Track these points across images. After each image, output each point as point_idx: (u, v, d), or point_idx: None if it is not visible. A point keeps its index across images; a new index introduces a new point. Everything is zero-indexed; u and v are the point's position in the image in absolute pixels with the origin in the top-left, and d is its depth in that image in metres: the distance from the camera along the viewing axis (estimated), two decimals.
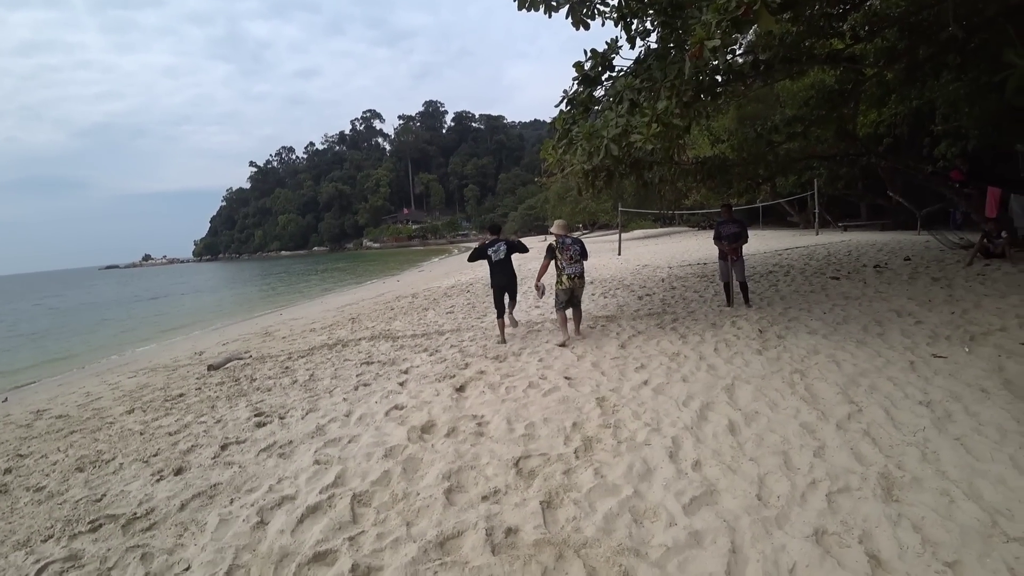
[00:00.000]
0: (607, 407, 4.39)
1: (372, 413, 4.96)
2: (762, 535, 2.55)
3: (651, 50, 6.17)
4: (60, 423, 6.58)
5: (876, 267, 10.02)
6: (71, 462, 4.95)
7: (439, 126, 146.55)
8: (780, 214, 28.22)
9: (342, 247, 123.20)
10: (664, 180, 9.57)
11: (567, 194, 35.62)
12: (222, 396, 6.55)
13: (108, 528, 3.49)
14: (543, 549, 2.63)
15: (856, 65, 9.07)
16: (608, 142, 5.33)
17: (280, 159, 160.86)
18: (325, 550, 2.86)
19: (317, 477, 3.75)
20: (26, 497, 4.28)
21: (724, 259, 7.88)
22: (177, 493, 3.82)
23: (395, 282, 27.34)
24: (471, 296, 13.77)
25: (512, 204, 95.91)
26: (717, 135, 15.35)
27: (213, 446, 4.69)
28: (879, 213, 21.30)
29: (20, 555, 3.33)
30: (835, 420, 3.63)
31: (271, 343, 10.65)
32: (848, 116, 11.61)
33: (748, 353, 5.43)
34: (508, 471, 3.46)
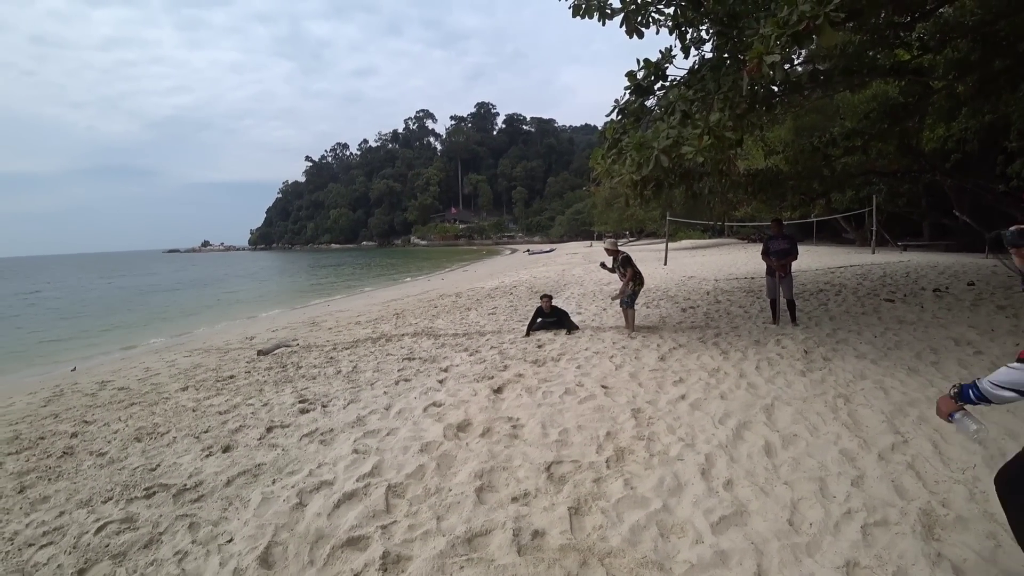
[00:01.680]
0: (642, 419, 4.38)
1: (411, 408, 5.11)
2: (791, 561, 2.52)
3: (705, 60, 6.11)
4: (121, 395, 7.03)
5: (936, 291, 9.56)
6: (130, 432, 5.31)
7: (490, 127, 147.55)
8: (835, 230, 27.20)
9: (390, 243, 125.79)
10: (714, 192, 9.43)
11: (615, 201, 35.31)
12: (269, 381, 6.85)
13: (161, 496, 3.75)
14: (568, 554, 2.68)
15: (923, 77, 8.69)
16: (658, 153, 5.31)
17: (335, 155, 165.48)
18: (359, 536, 2.99)
19: (355, 465, 3.90)
20: (89, 460, 4.63)
21: (772, 275, 7.70)
22: (224, 469, 4.06)
23: (440, 280, 27.78)
24: (514, 299, 13.88)
25: (560, 208, 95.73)
26: (771, 146, 14.96)
27: (259, 428, 4.94)
28: (943, 233, 20.27)
29: (83, 512, 3.62)
30: (877, 450, 3.53)
31: (318, 333, 11.04)
32: (913, 130, 11.13)
33: (791, 374, 5.30)
34: (539, 475, 3.52)
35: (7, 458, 4.91)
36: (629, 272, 7.82)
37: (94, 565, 2.98)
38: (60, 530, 3.41)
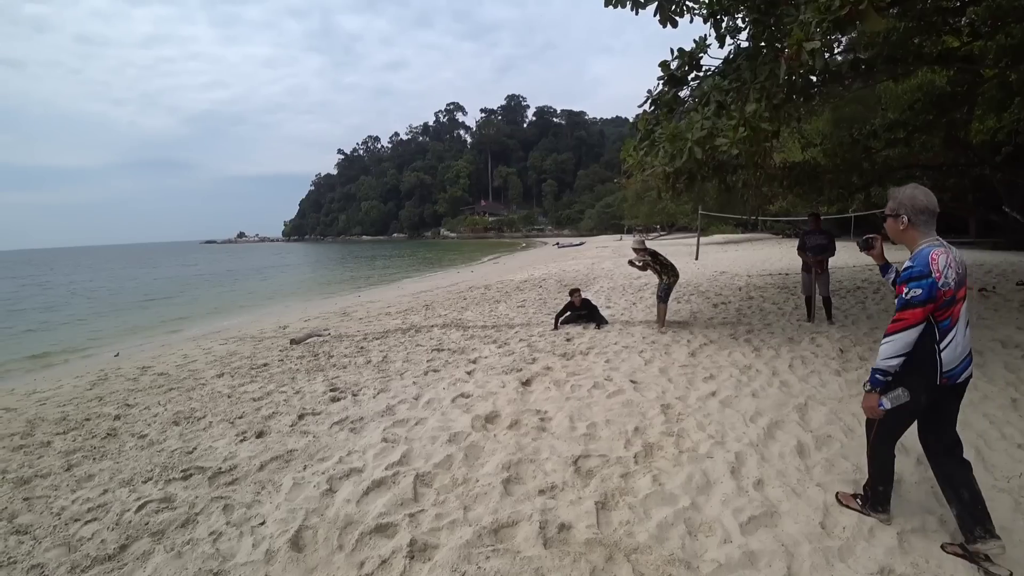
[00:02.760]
0: (671, 415, 4.33)
1: (439, 398, 5.16)
2: (822, 565, 2.46)
3: (741, 49, 5.95)
4: (161, 380, 7.29)
5: (981, 290, 9.17)
6: (169, 416, 5.51)
7: (520, 120, 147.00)
8: (874, 225, 26.31)
9: (420, 235, 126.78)
10: (748, 185, 9.21)
11: (646, 194, 34.88)
12: (302, 369, 7.01)
13: (197, 478, 3.88)
14: (594, 548, 2.67)
15: (973, 65, 8.27)
16: (692, 145, 5.20)
17: (366, 147, 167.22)
18: (387, 523, 3.04)
19: (384, 454, 3.96)
20: (131, 442, 4.82)
21: (808, 271, 7.50)
22: (257, 454, 4.17)
23: (469, 272, 27.91)
24: (543, 292, 13.86)
25: (590, 201, 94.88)
26: (809, 138, 14.55)
27: (291, 415, 5.06)
28: (991, 230, 19.43)
29: (125, 491, 3.78)
30: (916, 454, 3.40)
31: (349, 323, 11.23)
32: (960, 122, 10.62)
33: (826, 373, 5.17)
34: (566, 468, 3.52)
35: (56, 438, 5.15)
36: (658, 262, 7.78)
37: (135, 541, 3.11)
38: (104, 507, 3.56)
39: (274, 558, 2.81)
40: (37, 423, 5.69)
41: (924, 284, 2.32)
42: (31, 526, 3.41)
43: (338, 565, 2.73)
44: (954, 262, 2.39)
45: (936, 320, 2.37)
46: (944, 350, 2.39)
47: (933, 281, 2.31)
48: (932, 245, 2.40)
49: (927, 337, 2.39)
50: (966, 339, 2.45)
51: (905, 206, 2.44)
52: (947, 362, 2.40)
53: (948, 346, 2.39)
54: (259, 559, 2.81)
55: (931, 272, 2.32)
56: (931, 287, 2.31)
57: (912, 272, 2.36)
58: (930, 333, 2.39)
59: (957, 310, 2.40)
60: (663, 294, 7.79)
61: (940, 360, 2.40)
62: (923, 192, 2.43)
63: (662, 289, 7.78)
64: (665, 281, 7.76)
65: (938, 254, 2.35)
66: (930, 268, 2.32)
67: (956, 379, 2.44)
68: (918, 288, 2.33)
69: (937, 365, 2.40)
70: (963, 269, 2.45)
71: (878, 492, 2.75)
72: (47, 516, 3.54)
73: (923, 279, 2.32)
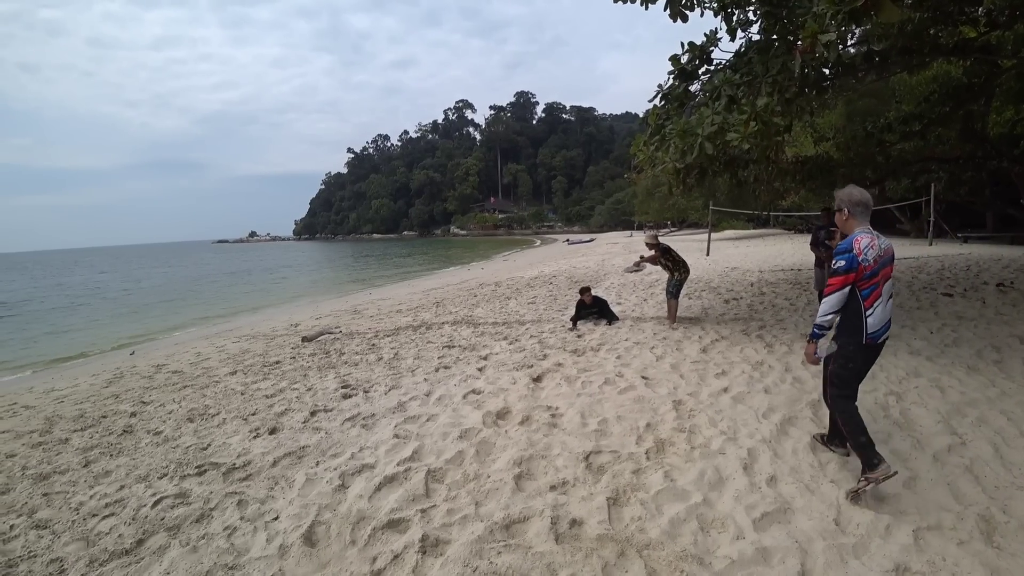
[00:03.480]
0: (683, 411, 4.31)
1: (450, 395, 5.18)
2: (836, 562, 2.44)
3: (752, 42, 5.89)
4: (175, 378, 7.38)
5: (999, 285, 9.03)
6: (183, 412, 5.57)
7: (529, 117, 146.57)
8: (888, 221, 25.96)
9: (430, 233, 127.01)
10: (760, 180, 9.12)
11: (656, 190, 34.65)
12: (313, 366, 7.06)
13: (211, 474, 3.93)
14: (606, 544, 2.67)
15: (991, 56, 8.12)
16: (702, 140, 5.16)
17: (376, 146, 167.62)
18: (399, 518, 3.06)
19: (396, 450, 3.99)
20: (147, 439, 4.89)
21: (821, 267, 7.42)
22: (271, 450, 4.21)
23: (479, 270, 27.95)
24: (553, 288, 13.85)
25: (599, 198, 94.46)
26: (821, 132, 14.40)
27: (303, 411, 5.10)
28: (1009, 224, 19.08)
29: (141, 487, 3.84)
30: (932, 451, 3.37)
31: (360, 320, 11.29)
32: (977, 114, 10.45)
33: None
34: (578, 464, 3.51)
35: (73, 434, 5.24)
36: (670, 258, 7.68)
37: (151, 536, 3.15)
38: (120, 502, 3.62)
39: (288, 553, 2.84)
40: (55, 420, 5.79)
41: (846, 257, 2.97)
42: (50, 521, 3.48)
43: (351, 560, 2.75)
44: (877, 246, 2.99)
45: (859, 290, 2.98)
46: (870, 316, 2.99)
47: (853, 256, 2.95)
48: (861, 232, 3.04)
49: (855, 305, 3.01)
50: (887, 310, 3.07)
51: (845, 202, 3.11)
52: (871, 325, 2.99)
53: (872, 314, 2.99)
54: (273, 554, 2.84)
55: (852, 249, 2.96)
56: (851, 260, 2.95)
57: (840, 248, 3.03)
58: (857, 303, 3.00)
59: (879, 284, 3.00)
60: (674, 290, 7.72)
61: (866, 324, 2.99)
62: (859, 191, 3.13)
63: (673, 285, 7.71)
64: (676, 277, 7.69)
65: (862, 238, 2.99)
66: (852, 247, 2.97)
67: (877, 340, 3.05)
68: (842, 260, 2.99)
69: (863, 328, 3.00)
70: (886, 253, 3.04)
71: (862, 445, 2.98)
72: (66, 511, 3.60)
73: (846, 253, 2.98)
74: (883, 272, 3.01)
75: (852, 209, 3.11)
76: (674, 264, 7.67)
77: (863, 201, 3.09)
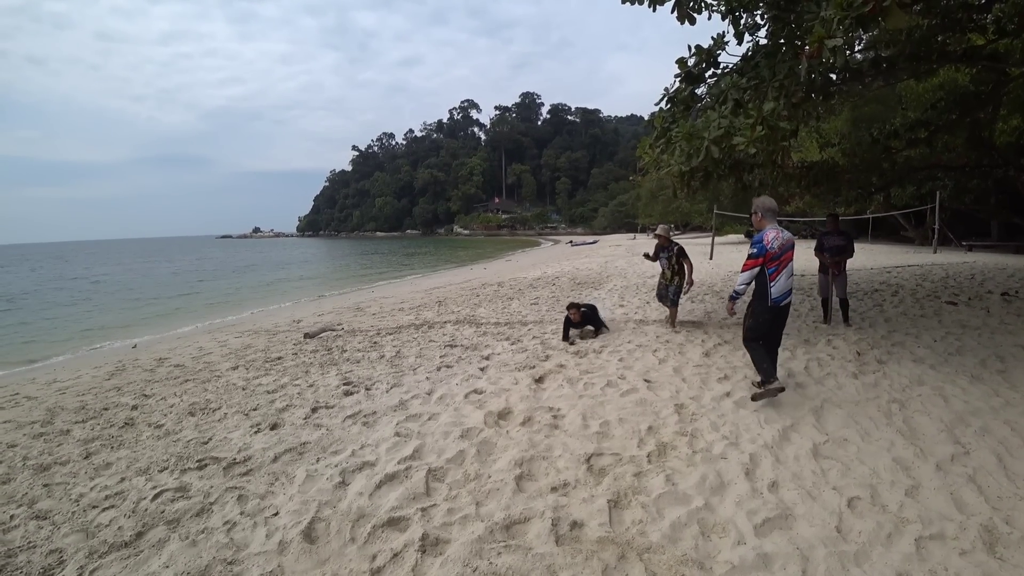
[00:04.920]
0: (685, 415, 4.30)
1: (452, 394, 5.17)
2: (837, 569, 2.42)
3: (760, 47, 5.87)
4: (177, 371, 7.38)
5: (1004, 295, 9.00)
6: (185, 406, 5.58)
7: (534, 118, 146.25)
8: (893, 228, 25.92)
9: (434, 232, 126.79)
10: (765, 184, 9.08)
11: (660, 192, 34.61)
12: (315, 363, 7.06)
13: (212, 468, 3.93)
14: (606, 547, 2.66)
15: (999, 64, 8.08)
16: (708, 143, 5.14)
17: (380, 144, 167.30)
18: (399, 516, 3.05)
19: (397, 448, 3.98)
20: (148, 432, 4.89)
21: (825, 272, 7.40)
22: (271, 446, 4.21)
23: (482, 269, 27.93)
24: (556, 289, 13.84)
25: (603, 199, 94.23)
26: (827, 138, 14.36)
27: (305, 408, 5.10)
28: (1014, 233, 19.04)
29: (141, 480, 3.84)
30: (935, 460, 3.35)
31: (362, 318, 11.29)
32: (984, 122, 10.39)
33: (842, 375, 5.10)
34: (579, 466, 3.51)
35: (75, 426, 5.24)
36: (688, 265, 7.50)
37: (151, 529, 3.15)
38: (121, 495, 3.62)
39: (287, 549, 2.83)
40: (57, 412, 5.80)
41: (758, 246, 4.30)
42: (50, 512, 3.48)
43: (350, 557, 2.75)
44: (780, 238, 4.32)
45: (767, 268, 4.31)
46: (773, 287, 4.32)
47: (763, 245, 4.28)
48: (769, 229, 4.36)
49: (763, 279, 4.34)
50: (788, 282, 4.36)
51: (760, 208, 4.42)
52: (774, 293, 4.33)
53: (775, 285, 4.32)
54: (272, 549, 2.84)
55: (763, 240, 4.30)
56: (761, 248, 4.28)
57: (755, 239, 4.37)
58: (764, 277, 4.33)
59: (782, 266, 4.32)
60: (675, 297, 7.62)
61: (771, 292, 4.33)
62: (770, 200, 4.44)
63: (673, 292, 7.60)
64: (677, 283, 7.57)
65: (770, 232, 4.32)
66: (763, 239, 4.30)
67: (779, 304, 4.39)
68: (755, 248, 4.33)
69: (769, 295, 4.33)
70: (787, 242, 4.36)
71: (763, 369, 4.34)
72: (66, 502, 3.60)
73: (759, 244, 4.31)
74: (784, 256, 4.32)
75: (764, 213, 4.41)
76: (679, 269, 7.56)
77: (772, 208, 4.42)
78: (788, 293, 4.37)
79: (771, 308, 4.35)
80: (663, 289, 7.81)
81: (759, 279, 4.34)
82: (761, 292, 4.38)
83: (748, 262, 4.31)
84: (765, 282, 4.33)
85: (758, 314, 4.42)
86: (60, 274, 39.79)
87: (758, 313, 4.42)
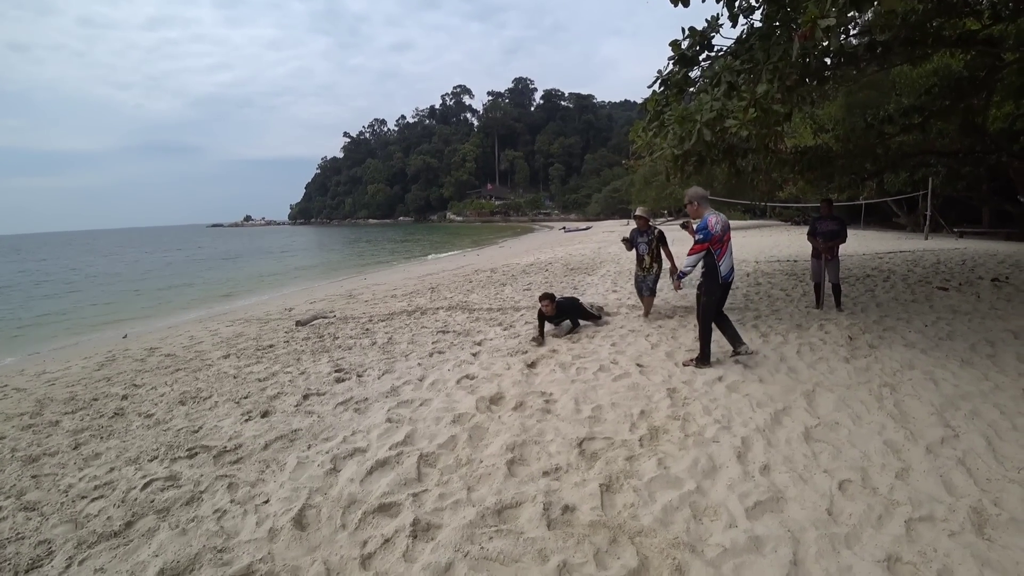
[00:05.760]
0: (677, 399, 4.31)
1: (444, 380, 5.16)
2: (828, 551, 2.43)
3: (754, 29, 5.80)
4: (168, 361, 7.32)
5: (994, 280, 9.05)
6: (175, 395, 5.53)
7: (528, 103, 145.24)
8: (885, 214, 26.01)
9: (426, 218, 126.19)
10: (759, 169, 9.04)
11: (654, 178, 34.51)
12: (307, 350, 7.02)
13: (202, 457, 3.90)
14: (598, 531, 2.66)
15: (994, 49, 8.04)
16: (701, 126, 5.10)
17: (372, 131, 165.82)
18: (390, 502, 3.04)
19: (388, 434, 3.96)
20: (138, 421, 4.84)
21: (818, 257, 7.40)
22: (262, 433, 4.19)
23: (475, 256, 27.85)
24: (549, 275, 13.81)
25: (596, 186, 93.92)
26: (821, 123, 14.35)
27: (296, 395, 5.07)
28: (1005, 220, 19.14)
29: (131, 469, 3.80)
30: (925, 443, 3.37)
31: (354, 305, 11.24)
32: (978, 108, 10.37)
33: (834, 360, 5.12)
34: (571, 450, 3.50)
35: (64, 417, 5.19)
36: (667, 253, 7.07)
37: (140, 519, 3.12)
38: (110, 484, 3.58)
39: (277, 536, 2.82)
40: (46, 403, 5.73)
41: (704, 232, 4.75)
42: (39, 503, 3.44)
43: (341, 543, 2.73)
44: (721, 221, 4.80)
45: (714, 250, 4.79)
46: (721, 266, 4.83)
47: (708, 231, 4.74)
48: (709, 214, 4.84)
49: (711, 260, 4.82)
50: (731, 260, 4.93)
51: (695, 197, 4.96)
52: (722, 271, 4.85)
53: (722, 264, 4.83)
54: (263, 537, 2.82)
55: (708, 226, 4.75)
56: (707, 233, 4.74)
57: (700, 226, 4.80)
58: (712, 258, 4.81)
59: (725, 246, 4.83)
60: (653, 285, 7.20)
61: (719, 270, 4.84)
62: (701, 189, 5.03)
63: (652, 281, 7.18)
64: (656, 271, 7.17)
65: (711, 218, 4.80)
66: (707, 225, 4.76)
67: (728, 280, 4.96)
68: (700, 234, 4.75)
69: (718, 273, 4.85)
70: (726, 225, 4.85)
71: (706, 347, 5.03)
72: (55, 493, 3.56)
73: (704, 229, 4.75)
74: (726, 237, 4.82)
75: (700, 201, 4.94)
76: (657, 255, 7.17)
77: (704, 195, 4.99)
78: (732, 270, 4.96)
79: (722, 285, 4.94)
80: (641, 280, 7.30)
81: (708, 260, 4.83)
82: (712, 272, 4.86)
83: (696, 246, 4.78)
84: (714, 263, 4.82)
85: (712, 291, 4.92)
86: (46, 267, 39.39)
87: (712, 291, 4.92)
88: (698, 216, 4.86)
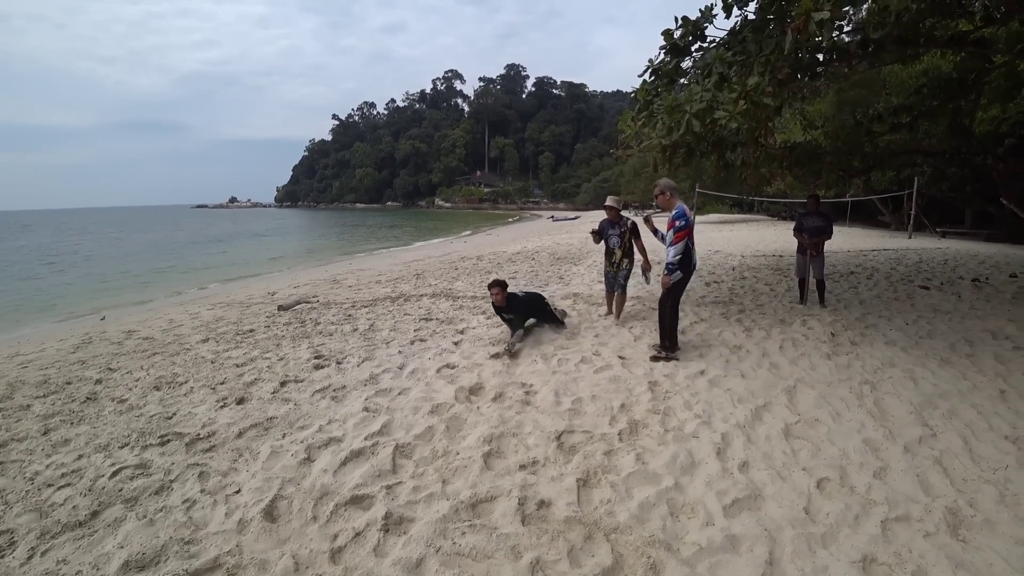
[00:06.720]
0: (658, 392, 4.28)
1: (424, 368, 5.09)
2: (804, 551, 2.42)
3: (748, 21, 5.74)
4: (145, 344, 7.17)
5: (975, 281, 9.15)
6: (150, 380, 5.41)
7: (519, 90, 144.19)
8: (870, 212, 26.24)
9: (415, 204, 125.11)
10: (747, 163, 9.00)
11: (643, 169, 34.41)
12: (287, 336, 6.90)
13: (174, 444, 3.80)
14: (573, 527, 2.62)
15: (984, 51, 8.06)
16: (690, 117, 5.04)
17: (362, 114, 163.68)
18: (363, 495, 2.98)
19: (364, 424, 3.90)
20: (110, 407, 4.72)
21: (803, 253, 7.41)
22: (237, 421, 4.10)
23: (462, 243, 27.70)
24: (535, 264, 13.76)
25: (586, 175, 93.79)
26: (811, 120, 14.34)
27: (273, 381, 4.98)
28: (987, 222, 19.38)
29: (100, 457, 3.70)
30: (903, 442, 3.37)
31: (338, 290, 11.10)
32: (966, 109, 10.42)
33: (816, 356, 5.12)
34: (549, 444, 3.46)
35: (35, 401, 5.04)
36: (640, 247, 6.47)
37: (107, 508, 3.04)
38: (78, 472, 3.49)
39: (247, 528, 2.75)
40: (18, 386, 5.57)
41: (685, 219, 4.83)
42: (3, 491, 3.33)
43: (311, 537, 2.67)
44: (691, 212, 4.90)
45: (689, 239, 4.91)
46: (694, 254, 5.04)
47: (687, 219, 4.84)
48: (681, 204, 4.92)
49: (690, 247, 4.94)
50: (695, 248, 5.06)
51: (666, 188, 5.01)
52: (695, 260, 5.07)
53: (695, 252, 5.04)
54: (231, 528, 2.75)
55: (685, 213, 4.85)
56: (687, 221, 4.83)
57: (678, 215, 4.86)
58: (689, 246, 4.91)
59: (692, 234, 4.96)
60: (624, 282, 6.61)
61: (695, 259, 5.07)
62: (670, 180, 5.07)
63: (623, 276, 6.58)
64: (627, 266, 6.57)
65: (684, 206, 4.88)
66: (684, 212, 4.85)
67: (695, 268, 5.15)
68: (683, 221, 4.83)
69: (692, 261, 5.05)
70: (693, 216, 4.93)
71: (674, 337, 5.18)
72: (20, 481, 3.45)
73: (684, 217, 4.84)
74: (693, 226, 4.98)
75: (671, 192, 5.02)
76: (628, 249, 6.58)
77: (674, 185, 5.08)
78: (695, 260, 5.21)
79: (690, 273, 5.10)
80: (611, 276, 6.72)
81: (687, 248, 4.94)
82: (686, 260, 4.95)
83: (679, 234, 4.82)
84: (690, 251, 4.97)
85: (684, 280, 5.06)
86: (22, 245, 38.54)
87: (684, 280, 5.06)
88: (670, 206, 4.95)
